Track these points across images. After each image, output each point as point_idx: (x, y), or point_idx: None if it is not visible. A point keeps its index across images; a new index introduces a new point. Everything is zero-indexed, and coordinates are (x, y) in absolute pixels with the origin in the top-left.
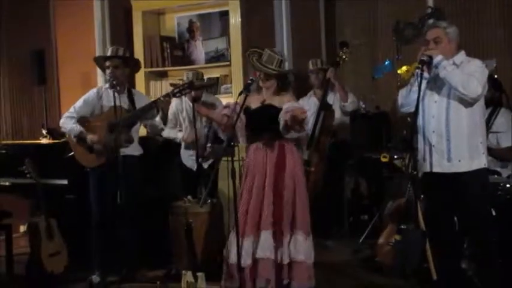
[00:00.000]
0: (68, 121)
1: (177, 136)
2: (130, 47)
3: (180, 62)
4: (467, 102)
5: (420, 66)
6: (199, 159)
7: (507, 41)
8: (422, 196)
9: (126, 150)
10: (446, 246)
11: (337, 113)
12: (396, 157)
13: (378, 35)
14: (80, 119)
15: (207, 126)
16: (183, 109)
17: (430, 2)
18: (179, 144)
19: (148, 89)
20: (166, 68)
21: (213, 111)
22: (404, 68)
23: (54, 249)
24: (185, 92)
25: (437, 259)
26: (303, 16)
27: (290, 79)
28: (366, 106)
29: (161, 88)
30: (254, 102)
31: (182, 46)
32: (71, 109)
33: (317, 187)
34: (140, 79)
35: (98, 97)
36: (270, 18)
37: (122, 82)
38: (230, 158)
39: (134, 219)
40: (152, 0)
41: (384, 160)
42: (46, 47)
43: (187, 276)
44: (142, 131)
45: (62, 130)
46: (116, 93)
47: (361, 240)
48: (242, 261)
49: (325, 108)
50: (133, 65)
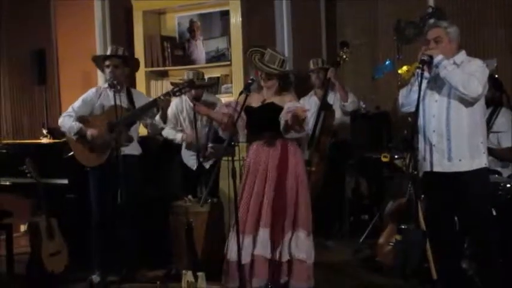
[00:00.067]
0: (67, 120)
1: (176, 137)
2: (131, 47)
3: (181, 62)
4: (467, 101)
5: (421, 65)
6: (200, 159)
7: (508, 41)
8: (422, 196)
9: (125, 149)
10: (446, 246)
11: (337, 113)
12: (397, 157)
13: (379, 35)
14: (79, 119)
15: (208, 125)
16: (183, 109)
17: (431, 2)
18: (180, 144)
19: (148, 89)
20: (166, 68)
21: (213, 110)
22: (404, 68)
23: (54, 248)
24: (185, 91)
25: (437, 259)
26: (304, 16)
27: (291, 79)
28: (366, 106)
29: (162, 88)
30: (255, 101)
31: (183, 46)
32: (70, 108)
33: (317, 187)
34: (141, 79)
35: (97, 97)
36: (271, 18)
37: (122, 82)
38: (231, 158)
39: (134, 219)
40: (153, 0)
41: (385, 160)
42: (46, 47)
43: (187, 275)
44: (142, 131)
45: (61, 129)
46: (115, 92)
47: (361, 240)
48: (242, 259)
49: (325, 108)
50: (133, 65)
